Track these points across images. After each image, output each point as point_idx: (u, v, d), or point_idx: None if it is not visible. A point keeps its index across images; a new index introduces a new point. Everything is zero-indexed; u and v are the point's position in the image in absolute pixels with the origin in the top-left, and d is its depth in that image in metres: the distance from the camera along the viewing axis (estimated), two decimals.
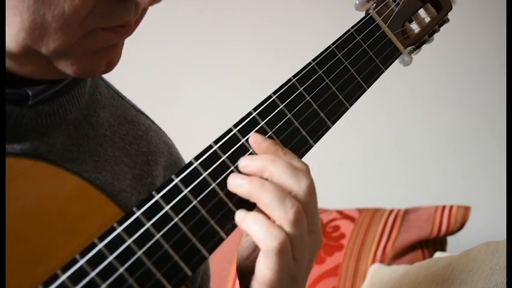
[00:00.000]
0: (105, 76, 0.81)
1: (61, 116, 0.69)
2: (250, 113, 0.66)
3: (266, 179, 0.62)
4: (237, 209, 0.62)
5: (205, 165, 0.62)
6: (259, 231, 0.60)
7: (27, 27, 0.59)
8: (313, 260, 0.65)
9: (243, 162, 0.63)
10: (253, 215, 0.61)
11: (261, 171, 0.63)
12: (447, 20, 0.78)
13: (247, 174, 0.63)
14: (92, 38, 0.62)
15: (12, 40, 0.60)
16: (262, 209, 0.62)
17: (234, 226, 0.62)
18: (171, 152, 0.82)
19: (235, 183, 0.62)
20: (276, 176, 0.62)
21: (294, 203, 0.61)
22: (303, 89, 0.68)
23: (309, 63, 0.69)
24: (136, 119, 0.79)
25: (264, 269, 0.61)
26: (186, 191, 0.61)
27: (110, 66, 0.66)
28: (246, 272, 0.66)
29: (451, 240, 1.58)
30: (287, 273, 0.61)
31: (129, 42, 0.68)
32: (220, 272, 1.54)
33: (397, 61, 0.75)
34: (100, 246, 0.56)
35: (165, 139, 0.83)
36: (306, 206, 0.62)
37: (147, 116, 0.82)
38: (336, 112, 0.69)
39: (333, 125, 0.69)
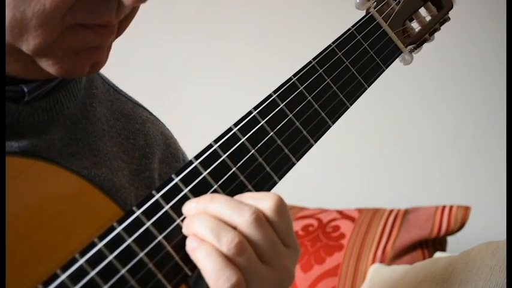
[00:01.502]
0: (104, 73, 0.81)
1: (58, 111, 0.69)
2: (250, 112, 0.66)
3: None
4: None
5: (205, 164, 0.62)
6: (211, 270, 0.57)
7: (7, 24, 0.59)
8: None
9: (185, 208, 0.60)
10: (206, 248, 0.57)
11: (202, 212, 0.59)
12: (448, 19, 0.78)
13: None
14: (71, 35, 0.61)
15: None
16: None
17: None
18: (168, 144, 0.82)
19: (183, 227, 0.59)
20: (216, 212, 0.58)
21: (230, 236, 0.57)
22: (303, 88, 0.68)
23: (310, 62, 0.69)
24: (133, 112, 0.79)
25: None
26: (186, 190, 0.60)
27: (95, 68, 0.65)
28: None
29: (451, 240, 1.58)
30: None
31: (129, 41, 0.68)
32: None
33: (397, 60, 0.75)
34: (100, 245, 0.56)
35: (163, 130, 0.82)
36: (251, 237, 0.58)
37: (144, 108, 0.82)
38: (336, 111, 0.69)
39: (333, 124, 0.69)
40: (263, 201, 0.59)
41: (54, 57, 0.62)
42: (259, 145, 0.65)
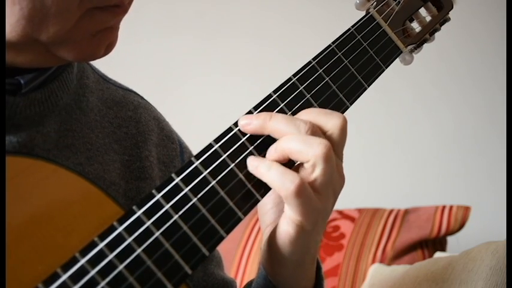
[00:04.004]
0: (105, 72, 0.82)
1: (53, 102, 0.69)
2: (250, 112, 0.66)
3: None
4: (238, 207, 0.62)
5: (205, 164, 0.62)
6: (275, 178, 0.62)
7: (26, 15, 0.60)
8: (336, 197, 0.67)
9: (243, 121, 0.64)
10: (266, 162, 0.63)
11: (261, 128, 0.64)
12: (448, 19, 0.78)
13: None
14: (89, 19, 0.63)
15: (12, 30, 0.61)
16: (296, 159, 0.63)
17: (235, 224, 0.62)
18: (161, 127, 0.82)
19: (269, 153, 0.64)
20: (278, 130, 0.63)
21: (321, 141, 0.62)
22: (303, 87, 0.68)
23: (309, 62, 0.69)
24: (124, 99, 0.80)
25: (290, 211, 0.63)
26: (186, 190, 0.60)
27: (108, 48, 0.67)
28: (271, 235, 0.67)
29: (451, 240, 1.58)
30: (312, 211, 0.62)
31: (130, 40, 0.68)
32: None
33: (398, 60, 0.75)
34: (101, 245, 0.56)
35: (155, 114, 0.83)
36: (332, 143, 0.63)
37: (135, 93, 0.83)
38: (336, 111, 0.69)
39: None
40: (332, 118, 0.65)
41: (72, 42, 0.63)
42: (258, 144, 0.65)
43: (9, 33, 0.61)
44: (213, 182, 0.62)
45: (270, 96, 0.67)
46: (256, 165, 0.63)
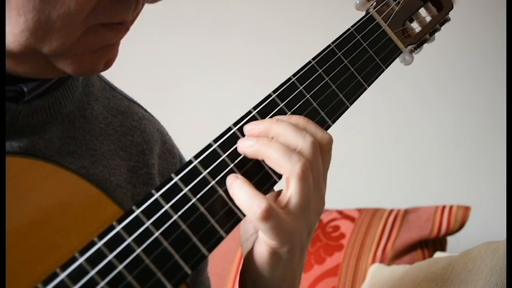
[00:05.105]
0: (106, 74, 0.82)
1: (56, 110, 0.69)
2: (250, 112, 0.66)
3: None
4: (237, 207, 0.62)
5: (204, 164, 0.62)
6: (243, 201, 0.61)
7: (31, 27, 0.60)
8: (318, 217, 0.66)
9: (248, 127, 0.64)
10: (239, 182, 0.62)
11: (265, 132, 0.64)
12: (448, 19, 0.78)
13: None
14: (93, 35, 0.63)
15: (15, 40, 0.60)
16: (271, 166, 0.63)
17: (234, 224, 0.62)
18: (164, 140, 0.83)
19: (244, 145, 0.63)
20: (280, 134, 0.63)
21: (300, 158, 0.61)
22: (302, 87, 0.68)
23: (309, 62, 0.69)
24: (129, 109, 0.80)
25: (261, 234, 0.63)
26: (185, 190, 0.61)
27: (108, 64, 0.67)
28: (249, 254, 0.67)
29: (451, 240, 1.58)
30: (284, 234, 0.62)
31: (130, 40, 0.68)
32: (220, 271, 1.54)
33: (398, 60, 0.75)
34: (99, 244, 0.56)
35: (159, 127, 0.83)
36: (311, 161, 0.63)
37: (139, 105, 0.83)
38: (336, 111, 0.69)
39: (333, 123, 0.69)
40: (323, 132, 0.65)
41: (73, 56, 0.63)
42: None
43: (11, 43, 0.61)
44: (213, 182, 0.62)
45: (269, 96, 0.67)
46: (229, 184, 0.63)
